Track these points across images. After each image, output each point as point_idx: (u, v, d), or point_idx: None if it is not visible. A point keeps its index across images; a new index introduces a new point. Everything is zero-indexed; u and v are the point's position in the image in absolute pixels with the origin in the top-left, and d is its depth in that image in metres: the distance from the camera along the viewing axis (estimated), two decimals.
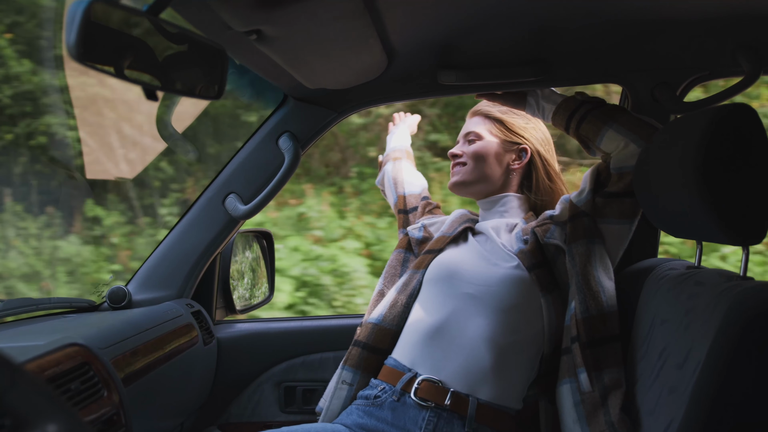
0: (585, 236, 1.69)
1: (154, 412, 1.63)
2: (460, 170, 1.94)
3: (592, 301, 1.61)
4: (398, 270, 1.94)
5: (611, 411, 1.50)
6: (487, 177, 1.92)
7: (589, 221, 1.71)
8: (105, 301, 1.91)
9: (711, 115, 1.25)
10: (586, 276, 1.65)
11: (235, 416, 2.12)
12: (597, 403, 1.52)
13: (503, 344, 1.64)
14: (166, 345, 1.69)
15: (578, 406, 1.55)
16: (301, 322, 2.22)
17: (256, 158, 1.98)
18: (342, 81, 1.84)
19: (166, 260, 2.00)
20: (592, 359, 1.56)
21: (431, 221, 2.02)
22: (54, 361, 1.22)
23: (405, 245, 1.99)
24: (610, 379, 1.54)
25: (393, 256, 1.99)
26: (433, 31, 1.66)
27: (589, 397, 1.54)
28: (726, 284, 1.28)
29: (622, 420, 1.47)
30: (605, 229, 1.71)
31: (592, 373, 1.55)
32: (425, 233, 1.97)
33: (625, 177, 1.68)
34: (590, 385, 1.54)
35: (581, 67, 1.86)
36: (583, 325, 1.59)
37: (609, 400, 1.51)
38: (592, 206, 1.72)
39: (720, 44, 1.74)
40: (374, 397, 1.68)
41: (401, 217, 2.14)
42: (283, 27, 1.33)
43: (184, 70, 1.12)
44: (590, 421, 1.52)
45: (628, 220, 1.70)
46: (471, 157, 1.93)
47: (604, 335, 1.59)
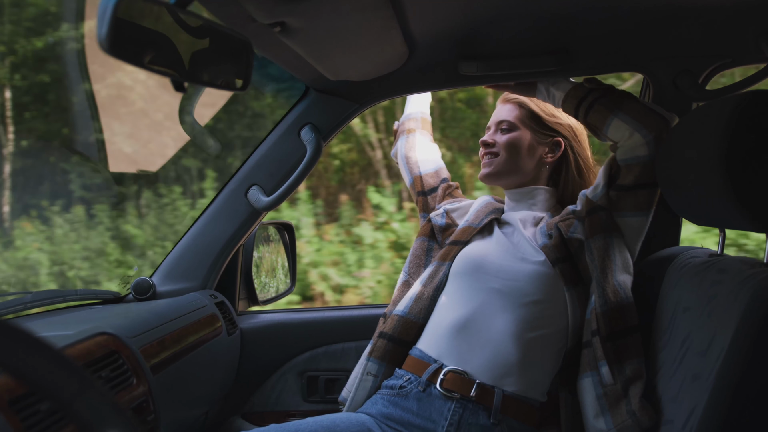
0: (602, 231, 1.68)
1: (180, 401, 1.65)
2: (492, 161, 1.90)
3: (611, 294, 1.61)
4: (423, 260, 1.94)
5: (632, 401, 1.50)
6: (520, 169, 1.89)
7: (606, 215, 1.69)
8: (130, 292, 1.93)
9: (734, 102, 1.25)
10: (604, 270, 1.64)
11: (258, 405, 2.14)
12: (619, 395, 1.53)
13: (529, 339, 1.64)
14: (191, 335, 1.71)
15: (600, 399, 1.55)
16: (323, 312, 2.24)
17: (278, 150, 1.99)
18: (363, 72, 1.85)
19: (189, 252, 2.02)
20: (613, 352, 1.56)
21: (453, 206, 2.00)
22: (85, 349, 1.25)
23: (428, 233, 1.97)
24: (631, 370, 1.54)
25: (416, 245, 1.98)
26: (453, 21, 1.66)
27: (611, 390, 1.54)
28: (749, 271, 1.28)
29: (643, 408, 1.48)
30: (622, 222, 1.70)
31: (613, 365, 1.55)
32: (448, 220, 1.95)
33: (633, 169, 1.67)
34: (612, 378, 1.54)
35: (602, 55, 1.86)
36: (602, 319, 1.59)
37: (630, 390, 1.52)
38: (608, 200, 1.71)
39: (742, 31, 1.73)
40: (399, 387, 1.68)
41: (420, 199, 2.10)
42: (306, 19, 1.33)
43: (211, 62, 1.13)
44: (613, 412, 1.52)
45: (644, 212, 1.69)
46: (504, 147, 1.88)
47: (624, 327, 1.59)
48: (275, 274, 2.38)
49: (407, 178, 2.16)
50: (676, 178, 1.46)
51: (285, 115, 2.00)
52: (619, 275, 1.64)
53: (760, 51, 1.73)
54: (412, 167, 2.13)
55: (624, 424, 1.49)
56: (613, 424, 1.51)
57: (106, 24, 0.89)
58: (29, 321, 1.56)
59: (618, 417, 1.51)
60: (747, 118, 1.23)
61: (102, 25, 0.89)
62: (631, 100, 1.71)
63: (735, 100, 1.26)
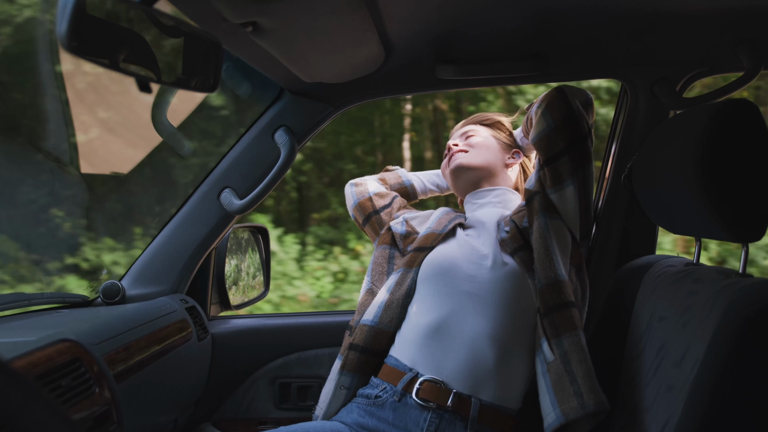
0: (538, 211, 1.73)
1: (147, 408, 1.61)
2: (462, 155, 1.97)
3: (548, 270, 1.63)
4: (385, 267, 1.92)
5: (578, 381, 1.50)
6: (489, 165, 1.97)
7: (540, 197, 1.74)
8: (99, 296, 1.89)
9: (712, 111, 1.25)
10: (540, 248, 1.67)
11: (229, 412, 2.11)
12: (561, 371, 1.53)
13: (504, 340, 1.63)
14: (159, 341, 1.67)
15: (545, 375, 1.56)
16: (296, 318, 2.21)
17: (251, 152, 1.96)
18: (339, 75, 1.82)
19: (160, 255, 1.98)
20: (549, 327, 1.59)
21: (412, 215, 2.01)
22: (44, 357, 1.21)
23: (389, 241, 1.96)
24: (569, 343, 1.56)
25: (378, 253, 1.96)
26: (430, 25, 1.65)
27: (553, 366, 1.55)
28: (724, 281, 1.27)
29: (591, 391, 1.49)
30: (555, 199, 1.74)
31: (552, 340, 1.57)
32: (408, 227, 1.95)
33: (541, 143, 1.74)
34: (551, 353, 1.56)
35: (580, 62, 1.85)
36: (539, 296, 1.62)
37: (572, 366, 1.53)
38: (539, 183, 1.76)
39: (720, 39, 1.73)
40: (375, 396, 1.66)
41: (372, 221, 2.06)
42: (279, 19, 1.31)
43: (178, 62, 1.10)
44: (557, 390, 1.52)
45: (564, 183, 1.73)
46: (474, 145, 1.98)
47: (557, 302, 1.60)
48: (248, 278, 2.35)
49: (352, 201, 2.11)
50: (652, 186, 1.45)
51: (259, 116, 1.97)
52: (555, 254, 1.66)
53: (737, 59, 1.74)
54: (360, 190, 2.10)
55: (569, 405, 1.49)
56: (558, 403, 1.51)
57: (66, 19, 0.86)
58: None
59: (563, 398, 1.51)
60: (724, 127, 1.22)
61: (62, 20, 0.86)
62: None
63: (712, 108, 1.26)
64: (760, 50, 1.70)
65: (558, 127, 1.71)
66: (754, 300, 1.15)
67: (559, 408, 1.50)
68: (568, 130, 1.71)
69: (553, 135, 1.71)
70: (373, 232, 2.07)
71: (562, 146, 1.71)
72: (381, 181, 2.16)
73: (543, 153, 1.74)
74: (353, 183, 2.14)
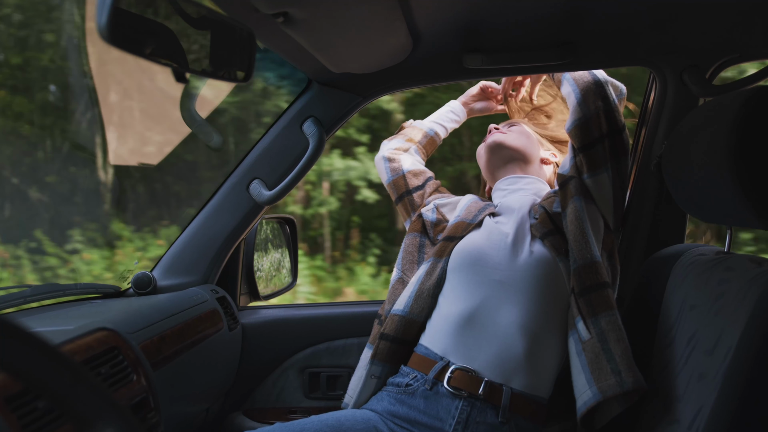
0: (574, 194, 1.74)
1: (181, 397, 1.64)
2: (501, 134, 2.00)
3: (582, 251, 1.65)
4: (416, 256, 1.92)
5: (616, 358, 1.52)
6: (526, 150, 1.99)
7: (575, 182, 1.76)
8: (131, 287, 1.91)
9: (743, 98, 1.23)
10: (576, 231, 1.68)
11: (259, 402, 2.12)
12: (597, 350, 1.54)
13: (536, 329, 1.63)
14: (192, 330, 1.69)
15: (580, 355, 1.57)
16: (324, 308, 2.22)
17: (280, 143, 1.97)
18: (367, 65, 1.83)
19: (190, 246, 2.00)
20: (585, 307, 1.60)
21: (443, 201, 2.00)
22: (84, 345, 1.23)
23: (419, 229, 1.96)
24: (606, 322, 1.57)
25: (408, 241, 1.96)
26: (458, 13, 1.64)
27: (589, 345, 1.56)
28: (757, 269, 1.26)
29: (629, 369, 1.50)
30: (589, 184, 1.76)
31: (588, 319, 1.58)
32: (438, 215, 1.95)
33: (576, 131, 1.77)
34: (588, 332, 1.57)
35: (609, 50, 1.84)
36: (575, 276, 1.64)
37: (610, 345, 1.54)
38: (575, 168, 1.78)
39: (750, 26, 1.71)
40: (406, 385, 1.66)
41: (405, 202, 2.07)
42: (309, 9, 1.32)
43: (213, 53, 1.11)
44: (593, 368, 1.53)
45: (600, 169, 1.76)
46: (514, 131, 2.00)
47: (593, 282, 1.62)
48: (277, 268, 2.37)
49: (387, 177, 2.12)
50: (682, 175, 1.44)
51: (287, 107, 1.98)
52: (590, 236, 1.68)
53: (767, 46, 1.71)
54: (395, 166, 2.11)
55: (607, 383, 1.50)
56: (594, 381, 1.52)
57: (106, 12, 0.88)
58: (28, 315, 1.54)
59: (601, 375, 1.51)
60: (755, 114, 1.21)
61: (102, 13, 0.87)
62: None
63: (743, 95, 1.24)
64: None
65: (595, 117, 1.74)
66: None
67: (596, 385, 1.51)
68: (605, 121, 1.75)
69: (591, 124, 1.75)
70: (405, 212, 2.08)
71: (598, 135, 1.75)
72: (410, 142, 2.16)
73: (579, 140, 1.76)
74: (387, 158, 2.12)
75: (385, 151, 2.15)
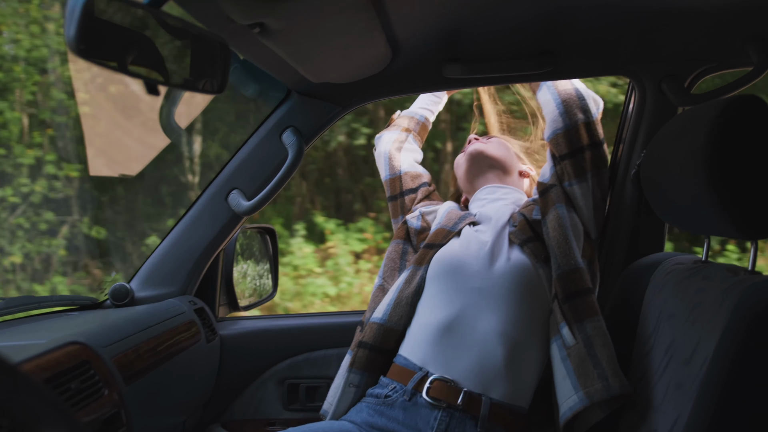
0: (556, 202, 1.76)
1: (156, 410, 1.62)
2: (483, 144, 2.01)
3: (566, 257, 1.66)
4: (397, 263, 1.92)
5: (602, 363, 1.52)
6: (505, 161, 2.00)
7: (556, 190, 1.78)
8: (108, 298, 1.89)
9: (721, 106, 1.24)
10: (558, 238, 1.69)
11: (238, 414, 2.10)
12: (583, 355, 1.54)
13: (515, 336, 1.62)
14: (168, 343, 1.67)
15: (565, 360, 1.57)
16: (304, 318, 2.20)
17: (259, 154, 1.96)
18: (346, 75, 1.82)
19: (168, 257, 1.98)
20: (570, 312, 1.60)
21: (429, 209, 2.01)
22: (53, 359, 1.21)
23: (403, 236, 1.97)
24: (592, 327, 1.57)
25: (391, 248, 1.97)
26: (437, 23, 1.64)
27: (574, 350, 1.56)
28: (733, 279, 1.27)
29: (616, 374, 1.50)
30: (570, 192, 1.78)
31: (573, 325, 1.59)
32: (423, 223, 1.95)
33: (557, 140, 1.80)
34: (573, 338, 1.57)
35: (588, 59, 1.85)
36: (558, 282, 1.64)
37: (596, 350, 1.54)
38: (556, 177, 1.80)
39: (729, 35, 1.72)
40: (385, 396, 1.65)
41: (396, 203, 2.09)
42: (286, 20, 1.30)
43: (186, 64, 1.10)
44: (579, 374, 1.53)
45: (582, 177, 1.78)
46: (493, 142, 2.03)
47: (578, 288, 1.63)
48: (256, 279, 2.35)
49: (385, 174, 2.15)
50: (660, 184, 1.44)
51: (266, 117, 1.97)
52: (572, 241, 1.69)
53: (745, 55, 1.72)
54: (394, 165, 2.13)
55: (594, 388, 1.50)
56: (581, 386, 1.52)
57: (74, 23, 0.86)
58: (1, 329, 1.52)
59: (587, 381, 1.51)
60: (732, 123, 1.22)
61: (70, 24, 0.86)
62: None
63: (719, 105, 1.25)
64: None
65: (576, 128, 1.77)
66: (762, 298, 1.15)
67: (582, 390, 1.51)
68: (586, 133, 1.78)
69: (573, 135, 1.78)
70: (394, 211, 2.10)
71: (579, 145, 1.77)
72: (405, 131, 2.18)
73: (561, 148, 1.79)
74: (388, 155, 2.14)
75: (385, 146, 2.17)
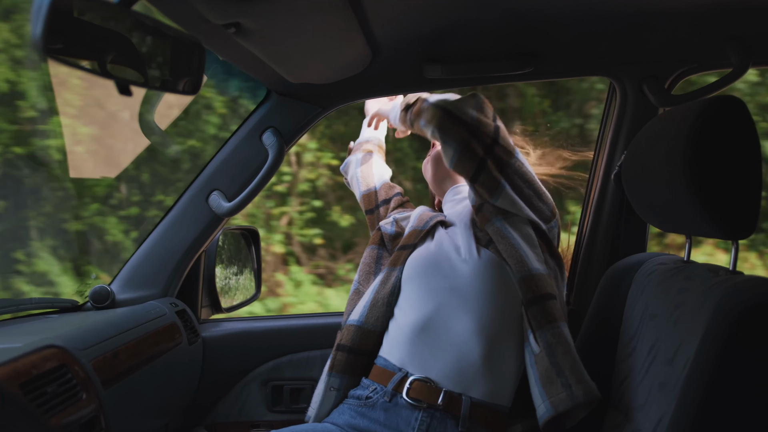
0: (491, 217, 1.73)
1: (137, 413, 1.61)
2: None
3: (519, 265, 1.64)
4: (373, 267, 1.92)
5: (565, 372, 1.51)
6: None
7: (487, 206, 1.75)
8: (88, 301, 1.88)
9: (700, 107, 1.24)
10: (506, 246, 1.67)
11: (222, 416, 2.10)
12: (546, 363, 1.54)
13: (491, 334, 1.62)
14: (148, 345, 1.66)
15: (533, 368, 1.57)
16: (287, 320, 2.20)
17: (239, 154, 1.95)
18: (325, 76, 1.81)
19: (149, 259, 1.97)
20: (533, 319, 1.59)
21: (403, 215, 2.00)
22: (29, 363, 1.20)
23: (378, 241, 1.96)
24: (552, 335, 1.56)
25: (366, 253, 1.96)
26: (417, 24, 1.64)
27: (540, 358, 1.56)
28: (715, 279, 1.27)
29: (579, 382, 1.50)
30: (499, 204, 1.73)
31: (536, 332, 1.57)
32: (397, 228, 1.95)
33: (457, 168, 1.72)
34: (537, 344, 1.57)
35: (569, 60, 1.85)
36: (519, 288, 1.63)
37: (558, 358, 1.53)
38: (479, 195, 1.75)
39: (709, 36, 1.73)
40: (366, 397, 1.65)
41: (372, 217, 2.13)
42: (261, 20, 1.30)
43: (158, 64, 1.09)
44: (544, 382, 1.53)
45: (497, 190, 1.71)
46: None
47: (535, 295, 1.61)
48: (239, 280, 2.34)
49: (359, 192, 2.19)
50: (641, 185, 1.45)
51: (246, 118, 1.96)
52: (522, 248, 1.66)
53: (725, 56, 1.73)
54: (368, 181, 2.17)
55: (558, 397, 1.50)
56: (546, 395, 1.52)
57: (41, 22, 0.85)
58: None
59: (552, 390, 1.51)
60: (711, 124, 1.22)
61: (37, 22, 0.84)
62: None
63: (699, 105, 1.25)
64: (749, 47, 1.70)
65: (465, 148, 1.69)
66: (743, 299, 1.16)
67: (548, 400, 1.51)
68: (475, 144, 1.70)
69: (465, 156, 1.69)
70: (371, 224, 2.13)
71: (478, 160, 1.69)
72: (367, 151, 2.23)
73: (465, 174, 1.72)
74: (360, 175, 2.18)
75: (354, 168, 2.21)
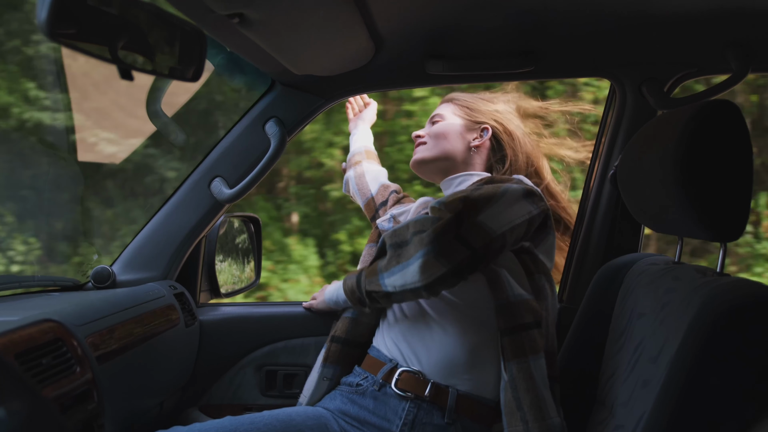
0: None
1: (131, 390, 1.63)
2: (421, 148, 1.94)
3: (497, 292, 1.58)
4: None
5: (525, 408, 1.49)
6: (448, 154, 1.90)
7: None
8: (89, 280, 1.91)
9: (694, 111, 1.26)
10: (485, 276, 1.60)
11: (216, 398, 2.12)
12: (509, 394, 1.52)
13: (477, 333, 1.63)
14: (145, 325, 1.69)
15: (504, 391, 1.54)
16: (283, 307, 2.22)
17: (242, 142, 1.98)
18: (329, 68, 1.84)
19: (151, 242, 2.00)
20: (504, 348, 1.54)
21: (400, 210, 2.00)
22: (26, 336, 1.23)
23: (376, 239, 1.98)
24: (517, 369, 1.52)
25: (365, 251, 1.99)
26: (420, 19, 1.66)
27: (505, 387, 1.53)
28: (701, 280, 1.28)
29: (536, 419, 1.47)
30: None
31: (505, 362, 1.54)
32: (395, 224, 1.95)
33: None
34: (506, 374, 1.54)
35: (570, 60, 1.86)
36: (495, 313, 1.57)
37: (519, 393, 1.50)
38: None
39: (709, 41, 1.74)
40: (356, 384, 1.68)
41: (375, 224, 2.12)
42: (265, 11, 1.32)
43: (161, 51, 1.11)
44: (507, 411, 1.52)
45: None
46: (432, 135, 1.93)
47: (508, 326, 1.55)
48: (239, 266, 2.37)
49: (361, 202, 2.21)
50: (636, 185, 1.46)
51: (250, 107, 1.99)
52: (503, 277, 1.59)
53: (725, 61, 1.74)
54: (365, 190, 2.18)
55: (516, 429, 1.49)
56: (508, 425, 1.51)
57: (47, 6, 0.88)
58: None
59: (512, 420, 1.50)
60: (703, 127, 1.23)
61: (42, 6, 0.87)
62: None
63: (693, 109, 1.27)
64: (748, 53, 1.71)
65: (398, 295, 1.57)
66: (725, 299, 1.17)
67: (508, 429, 1.51)
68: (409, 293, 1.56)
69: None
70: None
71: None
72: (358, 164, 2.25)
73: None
74: (357, 187, 2.21)
75: (352, 183, 2.24)
